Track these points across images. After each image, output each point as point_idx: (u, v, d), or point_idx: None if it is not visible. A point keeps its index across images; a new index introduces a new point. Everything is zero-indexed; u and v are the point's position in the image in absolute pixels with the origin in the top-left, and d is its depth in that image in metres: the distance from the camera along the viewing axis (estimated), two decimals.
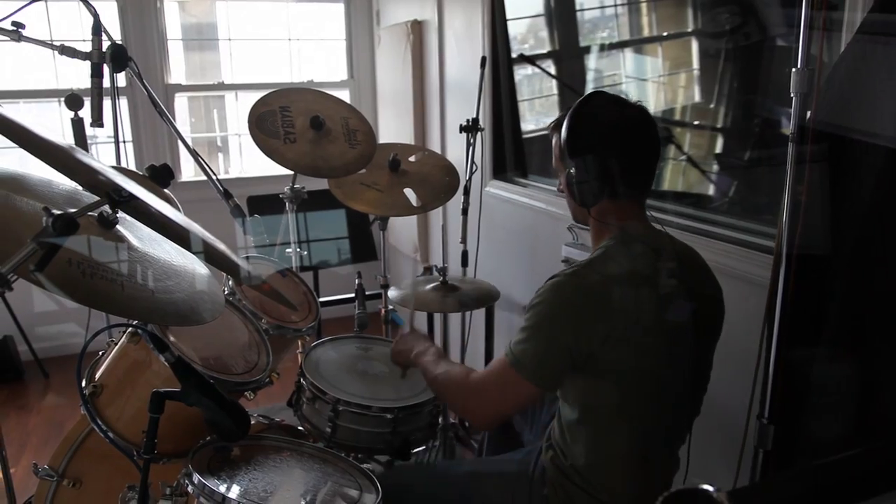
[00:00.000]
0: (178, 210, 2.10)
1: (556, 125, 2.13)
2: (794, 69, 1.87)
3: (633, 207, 2.07)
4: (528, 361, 1.92)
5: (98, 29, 2.64)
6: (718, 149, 3.07)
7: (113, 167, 1.80)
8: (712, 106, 3.05)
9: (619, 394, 1.95)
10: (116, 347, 2.33)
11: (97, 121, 2.66)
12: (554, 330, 1.91)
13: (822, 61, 1.87)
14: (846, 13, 2.08)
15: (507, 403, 2.04)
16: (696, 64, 3.15)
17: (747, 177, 2.93)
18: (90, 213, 1.61)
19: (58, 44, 2.67)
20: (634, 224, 2.06)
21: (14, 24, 2.61)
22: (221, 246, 1.89)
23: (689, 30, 3.16)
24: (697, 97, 3.17)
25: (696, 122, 3.19)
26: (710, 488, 1.06)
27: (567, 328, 1.90)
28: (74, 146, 1.70)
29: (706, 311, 2.09)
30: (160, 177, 1.75)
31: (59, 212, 1.41)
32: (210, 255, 1.81)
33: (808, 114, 1.88)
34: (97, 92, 2.64)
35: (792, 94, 1.88)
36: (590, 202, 2.02)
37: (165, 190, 2.58)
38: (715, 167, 3.09)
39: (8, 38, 2.62)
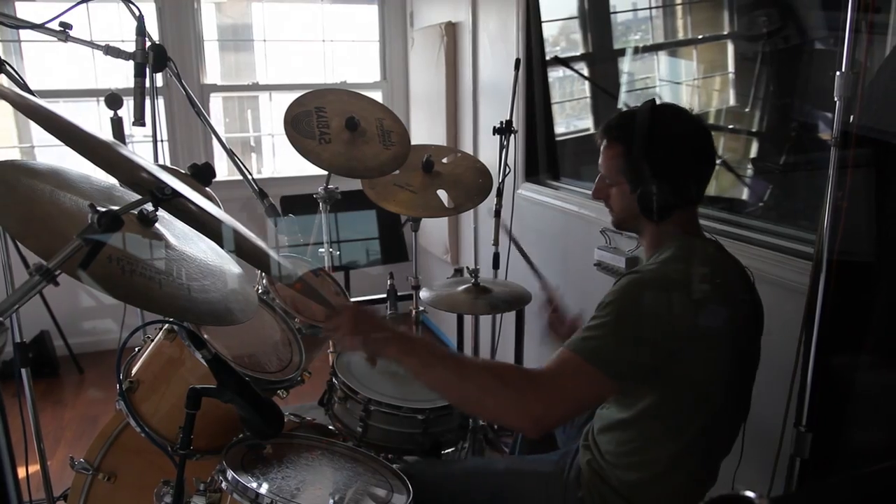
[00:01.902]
0: (220, 208, 2.10)
1: (613, 132, 2.08)
2: (838, 72, 1.85)
3: (693, 213, 2.08)
4: (609, 356, 1.82)
5: (142, 30, 2.66)
6: (754, 153, 3.05)
7: (156, 165, 1.81)
8: (748, 110, 3.03)
9: (685, 402, 1.93)
10: (152, 344, 2.34)
11: (139, 120, 2.68)
12: (634, 326, 1.85)
13: (865, 65, 1.85)
14: (892, 16, 2.05)
15: (574, 402, 1.88)
16: (731, 67, 3.13)
17: (783, 181, 2.91)
18: (131, 211, 1.62)
19: (102, 44, 2.69)
20: (692, 230, 2.07)
21: (62, 24, 2.63)
22: (264, 245, 1.88)
23: (725, 32, 3.14)
24: (732, 101, 3.15)
25: (730, 126, 3.17)
26: (752, 494, 1.05)
27: (648, 326, 1.84)
28: (117, 142, 1.71)
29: (756, 321, 2.08)
30: (202, 175, 1.75)
31: (104, 208, 1.41)
32: (253, 255, 1.81)
33: (852, 118, 1.86)
34: (140, 91, 2.66)
35: (835, 98, 1.85)
36: (665, 213, 2.01)
37: (207, 188, 2.59)
38: (750, 171, 3.06)
39: (55, 38, 2.64)
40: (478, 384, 1.88)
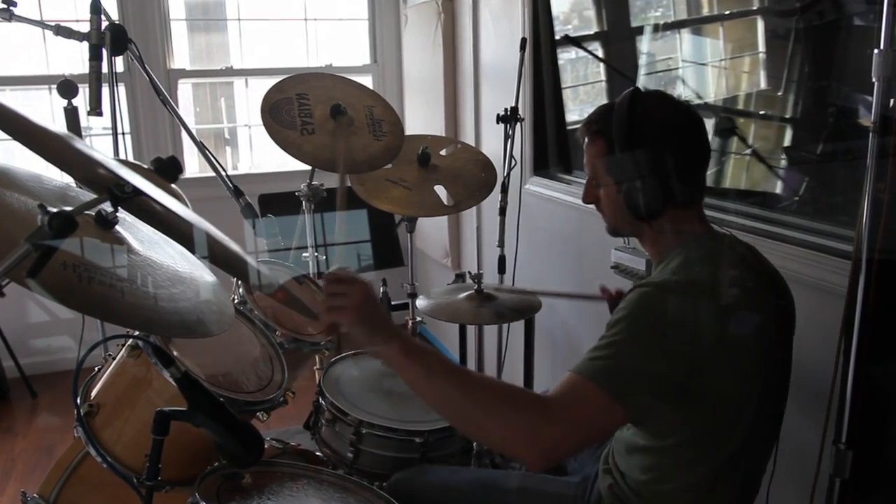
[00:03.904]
0: (188, 207, 2.11)
1: (593, 126, 2.10)
2: (875, 51, 1.85)
3: (696, 211, 2.08)
4: (619, 378, 1.79)
5: (97, 7, 2.67)
6: (787, 141, 3.05)
7: (115, 159, 1.81)
8: (780, 93, 3.02)
9: (711, 422, 1.92)
10: (114, 363, 2.35)
11: (95, 109, 2.69)
12: (649, 343, 1.83)
13: None
14: None
15: (586, 433, 1.85)
16: (761, 46, 3.12)
17: (820, 172, 2.91)
18: (87, 212, 1.62)
19: (52, 24, 2.71)
20: (700, 228, 2.07)
21: (5, 1, 2.64)
22: (238, 249, 1.89)
23: (755, 8, 3.15)
24: (763, 84, 3.14)
25: (761, 112, 3.17)
26: None
27: (663, 342, 1.83)
28: (71, 134, 1.72)
29: (787, 324, 2.09)
30: (167, 170, 1.75)
31: (55, 209, 1.42)
32: (225, 260, 1.81)
33: (892, 101, 1.86)
34: (95, 77, 2.67)
35: (874, 79, 1.86)
36: (656, 212, 2.00)
37: (173, 185, 2.60)
38: (783, 162, 3.07)
39: None
40: (484, 405, 1.83)
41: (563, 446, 1.83)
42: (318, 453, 2.71)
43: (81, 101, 2.87)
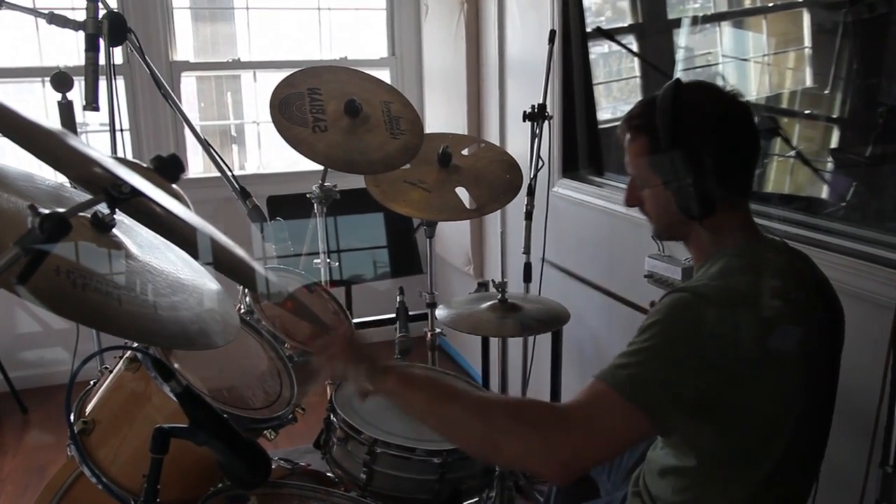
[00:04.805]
0: (190, 210, 2.09)
1: (634, 121, 2.08)
2: None
3: (744, 210, 2.06)
4: (646, 388, 1.78)
5: None
6: (834, 143, 3.04)
7: (112, 158, 1.80)
8: (827, 91, 3.01)
9: (749, 441, 1.90)
10: (111, 376, 2.34)
11: (91, 104, 2.68)
12: (682, 352, 1.81)
13: None
14: None
15: (607, 444, 1.83)
16: (807, 41, 3.11)
17: (869, 176, 2.89)
18: (82, 214, 1.61)
19: (45, 11, 2.70)
20: (746, 231, 2.04)
21: None
22: (244, 255, 1.87)
23: (800, 0, 3.13)
24: (809, 81, 3.13)
25: (807, 111, 3.16)
26: None
27: (698, 352, 1.80)
28: (65, 131, 1.70)
29: (834, 339, 2.07)
30: (168, 169, 1.74)
31: (47, 210, 1.40)
32: (231, 266, 1.80)
33: None
34: (92, 69, 2.66)
35: None
36: (708, 209, 1.97)
37: (174, 186, 2.59)
38: (829, 165, 3.05)
39: None
40: (494, 423, 1.84)
41: (584, 457, 1.81)
42: (329, 474, 2.70)
43: (77, 95, 2.87)
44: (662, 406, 1.78)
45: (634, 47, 4.21)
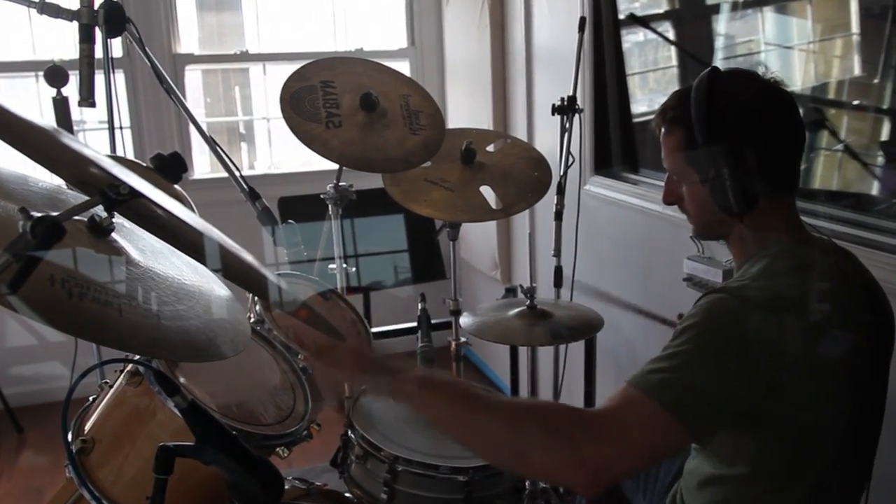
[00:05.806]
0: (193, 212, 2.09)
1: (669, 113, 2.08)
2: None
3: (789, 206, 2.06)
4: (681, 394, 1.77)
5: None
6: (884, 136, 3.02)
7: (109, 157, 1.80)
8: (876, 80, 3.01)
9: (791, 452, 1.89)
10: (111, 391, 2.35)
11: (87, 99, 2.68)
12: (721, 357, 1.81)
13: None
14: None
15: (640, 452, 1.82)
16: (855, 27, 3.10)
17: None
18: (79, 217, 1.61)
19: (36, 0, 2.70)
20: (790, 229, 2.03)
21: None
22: (254, 260, 1.87)
23: None
24: (857, 70, 3.12)
25: (855, 102, 3.15)
26: None
27: (737, 357, 1.80)
28: (59, 128, 1.70)
29: (884, 345, 2.06)
30: (169, 169, 1.74)
31: (40, 214, 1.40)
32: (240, 273, 1.80)
33: None
34: (87, 62, 2.66)
35: None
36: (749, 203, 1.96)
37: (176, 186, 2.59)
38: (880, 159, 3.04)
39: None
40: (520, 431, 1.83)
41: (615, 466, 1.79)
42: (347, 494, 2.70)
43: (71, 89, 2.88)
44: (698, 414, 1.78)
45: (671, 35, 4.20)
